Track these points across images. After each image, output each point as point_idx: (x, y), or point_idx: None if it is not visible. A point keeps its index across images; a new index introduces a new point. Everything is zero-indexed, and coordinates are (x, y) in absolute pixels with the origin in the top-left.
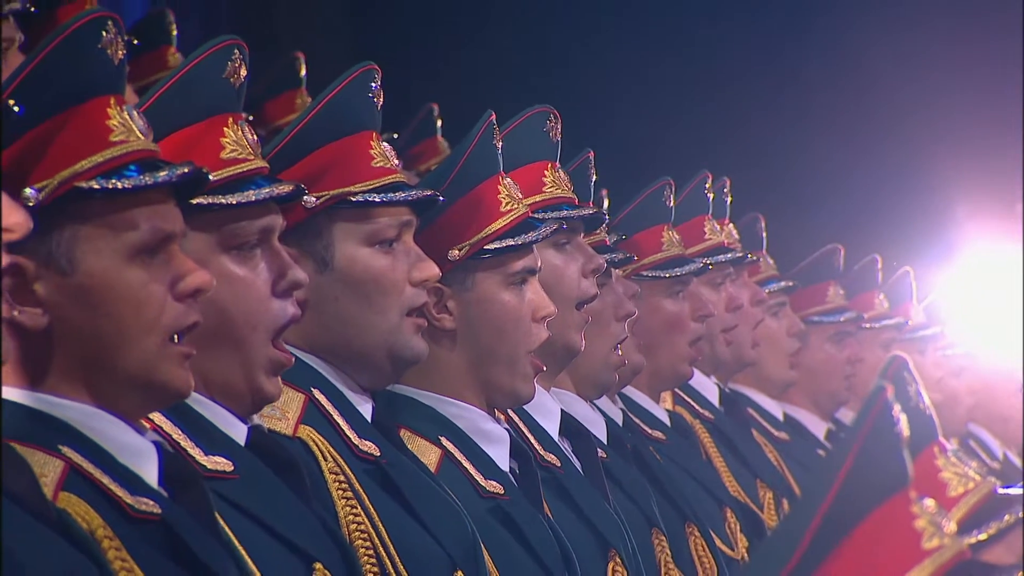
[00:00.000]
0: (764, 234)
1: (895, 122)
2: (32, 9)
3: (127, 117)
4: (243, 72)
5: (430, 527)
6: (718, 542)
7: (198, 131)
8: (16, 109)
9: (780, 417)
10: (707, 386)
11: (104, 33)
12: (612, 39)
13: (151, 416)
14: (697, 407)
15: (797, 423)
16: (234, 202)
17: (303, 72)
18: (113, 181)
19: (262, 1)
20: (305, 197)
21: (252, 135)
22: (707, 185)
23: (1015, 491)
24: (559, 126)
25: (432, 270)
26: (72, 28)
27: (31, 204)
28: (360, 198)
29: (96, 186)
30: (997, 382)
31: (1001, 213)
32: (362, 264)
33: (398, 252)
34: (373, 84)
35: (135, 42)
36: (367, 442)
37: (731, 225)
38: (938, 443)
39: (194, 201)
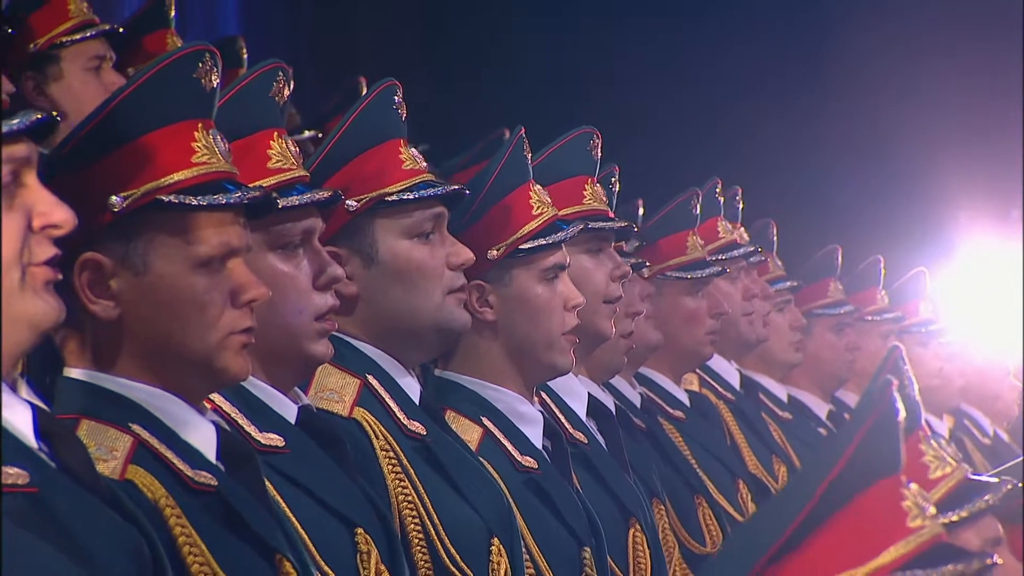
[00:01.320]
0: (775, 238)
1: (896, 132)
2: (120, 30)
3: (211, 140)
4: (286, 92)
5: (469, 498)
6: (731, 511)
7: (248, 143)
8: (111, 126)
9: (785, 399)
10: (729, 371)
11: (200, 64)
12: (637, 70)
13: (212, 397)
14: (721, 389)
15: (801, 404)
16: (280, 206)
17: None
18: (190, 198)
19: (342, 29)
20: (348, 202)
21: (295, 147)
22: (717, 190)
23: (986, 478)
24: (600, 144)
25: (467, 254)
26: (174, 57)
27: (116, 209)
28: (396, 197)
29: (175, 200)
30: (987, 366)
31: (998, 216)
32: (404, 255)
33: (435, 242)
34: (396, 98)
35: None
36: (415, 422)
37: (742, 228)
38: (922, 428)
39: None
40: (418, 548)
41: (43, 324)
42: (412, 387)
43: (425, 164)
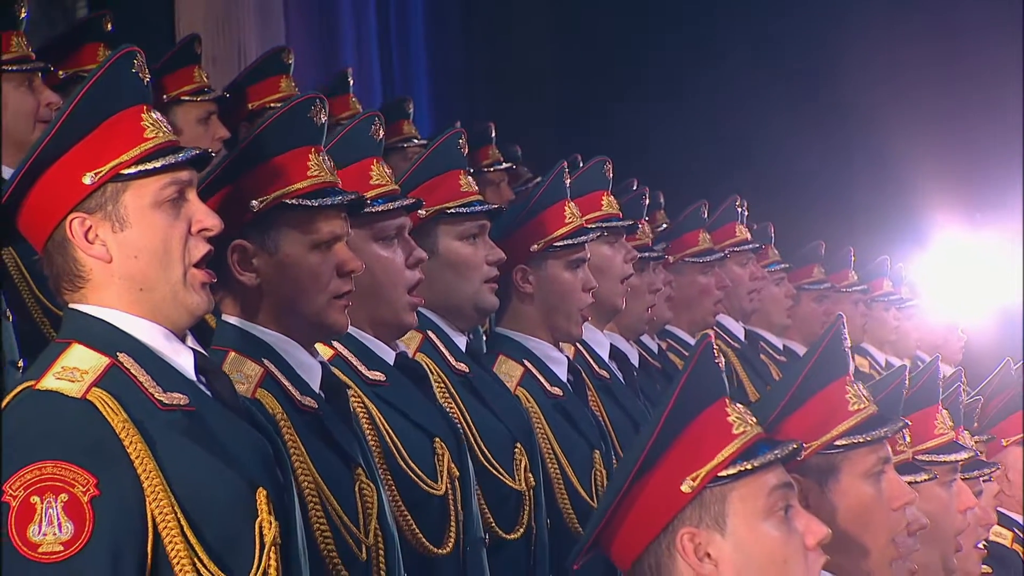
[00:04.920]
0: (772, 234)
1: (874, 138)
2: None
3: (321, 160)
4: (381, 132)
5: (499, 415)
6: None
7: (361, 167)
8: (251, 153)
9: (781, 347)
10: (736, 328)
11: (312, 107)
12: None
13: (334, 345)
14: (729, 340)
15: (792, 351)
16: (380, 210)
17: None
18: (307, 201)
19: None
20: (419, 211)
21: (390, 170)
22: (737, 203)
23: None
24: (612, 168)
25: (499, 254)
26: (294, 103)
27: (255, 210)
28: (453, 210)
29: (296, 203)
30: (939, 324)
31: (965, 211)
32: (455, 252)
33: (479, 243)
34: (460, 141)
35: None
36: (461, 364)
37: (745, 227)
38: (849, 375)
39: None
40: None
41: (198, 312)
42: (460, 341)
43: (475, 188)
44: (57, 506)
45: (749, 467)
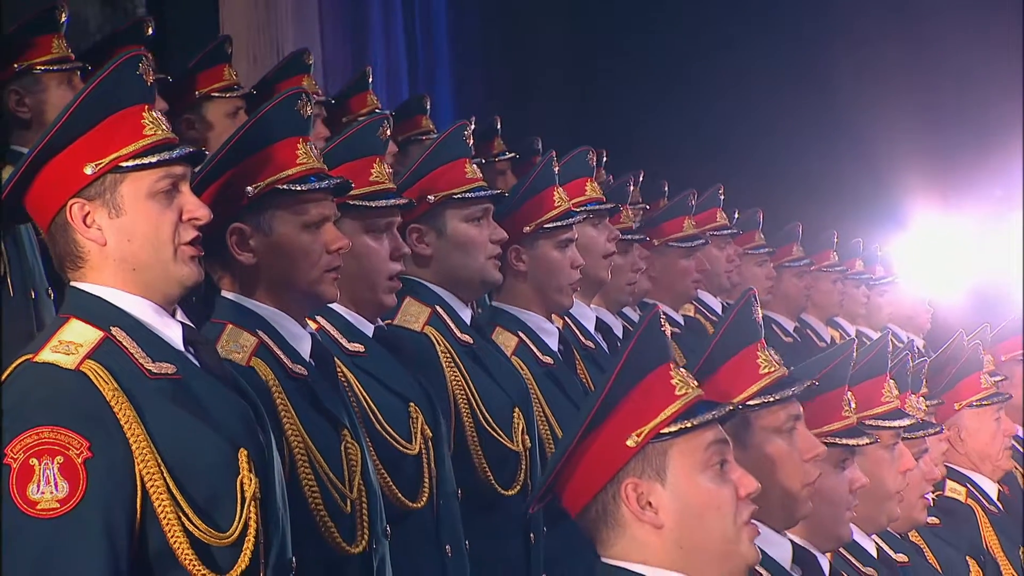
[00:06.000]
0: (760, 218)
1: (856, 128)
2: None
3: (309, 149)
4: (388, 133)
5: (499, 382)
6: None
7: (361, 164)
8: (245, 143)
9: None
10: (715, 303)
11: (299, 101)
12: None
13: (318, 319)
14: (708, 314)
15: (774, 320)
16: (373, 205)
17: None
18: (297, 185)
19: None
20: (429, 197)
21: (390, 169)
22: (719, 192)
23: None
24: (595, 157)
25: (502, 233)
26: (281, 98)
27: (250, 195)
28: (459, 195)
29: (288, 187)
30: (909, 298)
31: (940, 193)
32: (462, 233)
33: (483, 224)
34: (466, 134)
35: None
36: (465, 335)
37: (724, 213)
38: (760, 342)
39: (354, 203)
40: (466, 415)
41: (187, 283)
42: (466, 313)
43: (479, 175)
44: (54, 467)
45: (689, 425)
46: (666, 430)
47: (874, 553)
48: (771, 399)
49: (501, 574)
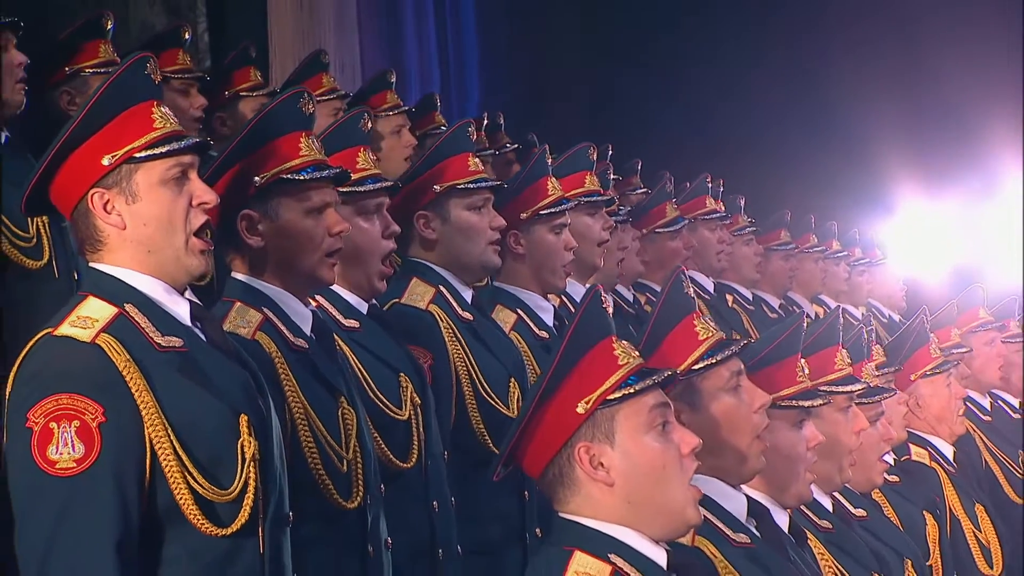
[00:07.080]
0: (743, 203)
1: (848, 117)
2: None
3: (311, 142)
4: (369, 124)
5: (497, 355)
6: None
7: (351, 152)
8: (253, 137)
9: (751, 297)
10: (706, 282)
11: (302, 99)
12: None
13: (318, 299)
14: (700, 292)
15: (762, 299)
16: (362, 190)
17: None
18: (301, 175)
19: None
20: (435, 186)
21: (375, 158)
22: (707, 181)
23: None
24: (595, 153)
25: (501, 222)
26: (285, 96)
27: (257, 184)
28: (462, 186)
29: (292, 177)
30: (887, 277)
31: (924, 180)
32: (465, 220)
33: (484, 213)
34: (469, 130)
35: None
36: (466, 313)
37: (719, 202)
38: (697, 311)
39: (345, 189)
40: (466, 385)
41: (195, 273)
42: (467, 293)
43: (481, 167)
44: (71, 431)
45: (632, 391)
46: (611, 396)
47: (830, 508)
48: (713, 361)
49: (498, 528)
